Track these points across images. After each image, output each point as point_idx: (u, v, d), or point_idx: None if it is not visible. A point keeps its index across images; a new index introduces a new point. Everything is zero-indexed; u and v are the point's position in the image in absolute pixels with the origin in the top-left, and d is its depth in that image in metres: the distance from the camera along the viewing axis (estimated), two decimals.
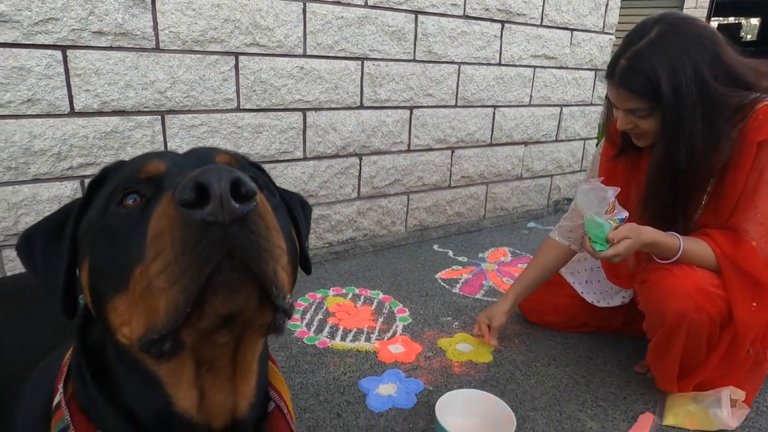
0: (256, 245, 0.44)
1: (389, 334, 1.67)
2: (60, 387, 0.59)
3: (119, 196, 0.53)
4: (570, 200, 3.13)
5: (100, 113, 1.64)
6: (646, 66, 1.21)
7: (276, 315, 0.49)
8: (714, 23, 14.80)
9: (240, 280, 0.44)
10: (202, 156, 0.58)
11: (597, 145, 1.73)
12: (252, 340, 0.56)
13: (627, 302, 1.59)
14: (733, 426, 1.25)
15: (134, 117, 1.69)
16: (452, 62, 2.35)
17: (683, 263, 1.26)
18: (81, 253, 0.56)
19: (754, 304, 1.23)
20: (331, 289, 1.97)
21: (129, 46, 1.63)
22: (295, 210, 0.70)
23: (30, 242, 0.61)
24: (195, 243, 0.42)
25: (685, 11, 11.73)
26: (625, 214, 1.30)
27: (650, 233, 1.26)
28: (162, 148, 1.76)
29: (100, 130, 1.65)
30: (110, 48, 1.60)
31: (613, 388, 1.44)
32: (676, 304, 1.23)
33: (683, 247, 1.25)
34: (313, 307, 1.82)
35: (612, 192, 1.29)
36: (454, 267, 2.24)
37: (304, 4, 1.90)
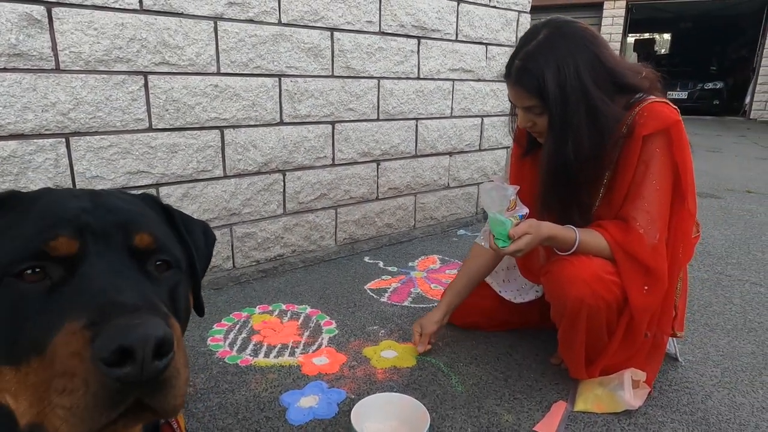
0: (164, 391, 0.47)
1: (314, 347, 1.66)
2: None
3: (19, 267, 0.50)
4: None
5: None
6: (534, 66, 1.28)
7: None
8: (630, 39, 15.98)
9: (141, 415, 0.47)
10: (119, 224, 0.56)
11: None
12: None
13: (541, 296, 1.66)
14: (635, 406, 1.32)
15: (34, 140, 1.62)
16: (371, 77, 2.41)
17: (581, 253, 1.34)
18: None
19: (646, 288, 1.32)
20: (258, 306, 1.94)
21: (25, 67, 1.57)
22: (196, 246, 0.71)
23: None
24: (107, 394, 0.44)
25: (602, 27, 12.53)
26: (525, 210, 1.37)
27: (548, 228, 1.33)
28: (67, 172, 1.70)
29: None
30: (4, 69, 1.53)
31: (530, 380, 1.49)
32: (575, 292, 1.30)
33: (579, 238, 1.33)
34: (237, 326, 1.79)
35: (512, 190, 1.35)
36: (383, 277, 2.26)
37: (215, 23, 1.90)
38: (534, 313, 1.73)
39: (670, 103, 1.32)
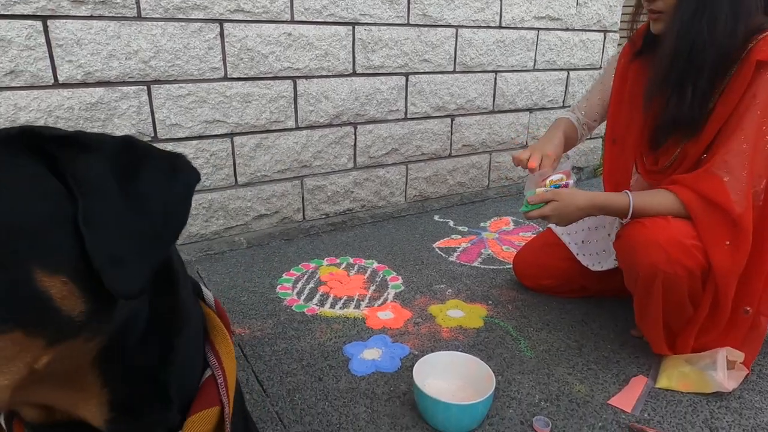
0: None
1: (380, 302, 1.64)
2: None
3: None
4: (580, 168, 3.04)
5: (84, 84, 1.63)
6: None
7: None
8: None
9: None
10: None
11: None
12: None
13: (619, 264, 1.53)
14: (729, 388, 1.19)
15: (119, 87, 1.69)
16: (449, 26, 2.27)
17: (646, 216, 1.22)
18: None
19: (727, 243, 1.16)
20: (326, 259, 1.95)
21: (110, 14, 1.61)
22: (144, 195, 0.48)
23: None
24: None
25: None
26: (566, 182, 1.34)
27: (588, 198, 1.26)
28: (149, 119, 1.76)
29: (86, 101, 1.64)
30: (91, 17, 1.59)
31: (607, 351, 1.39)
32: (647, 257, 1.17)
33: (632, 202, 1.22)
34: (306, 276, 1.81)
35: (552, 171, 1.34)
36: (453, 236, 2.19)
37: None
38: (614, 280, 1.60)
39: None
